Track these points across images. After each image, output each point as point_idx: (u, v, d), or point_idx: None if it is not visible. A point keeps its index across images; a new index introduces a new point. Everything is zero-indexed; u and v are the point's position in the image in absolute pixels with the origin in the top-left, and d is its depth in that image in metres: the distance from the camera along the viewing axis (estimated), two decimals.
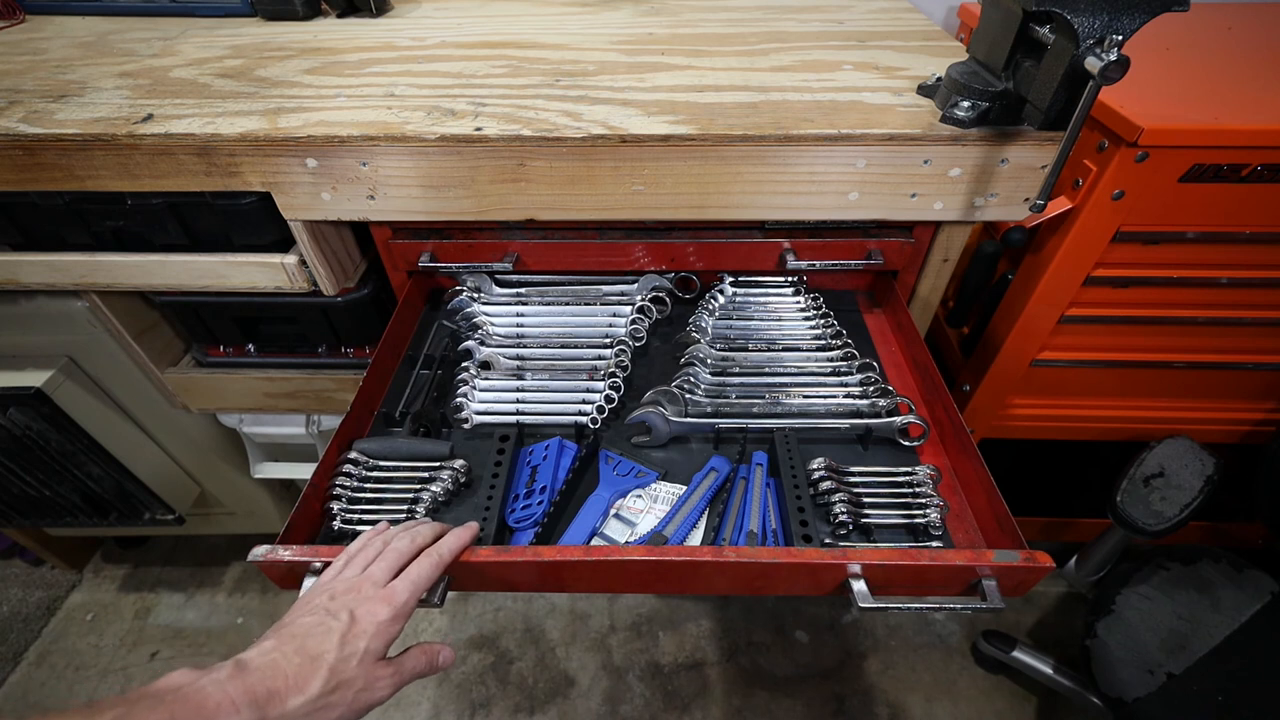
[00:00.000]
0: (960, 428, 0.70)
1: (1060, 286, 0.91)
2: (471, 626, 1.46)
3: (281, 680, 0.41)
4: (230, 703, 0.38)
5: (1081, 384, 1.07)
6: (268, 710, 0.39)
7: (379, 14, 1.12)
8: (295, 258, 0.85)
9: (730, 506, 0.68)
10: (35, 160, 0.75)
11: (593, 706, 1.32)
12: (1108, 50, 0.55)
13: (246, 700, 0.39)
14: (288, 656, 0.42)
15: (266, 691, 0.40)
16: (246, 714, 0.38)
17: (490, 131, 0.72)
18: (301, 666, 0.41)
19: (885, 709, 1.31)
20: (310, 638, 0.43)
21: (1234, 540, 1.34)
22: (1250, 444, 1.11)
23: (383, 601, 0.47)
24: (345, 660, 0.43)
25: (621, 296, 0.92)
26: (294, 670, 0.41)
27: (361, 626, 0.45)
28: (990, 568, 0.54)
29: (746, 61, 0.91)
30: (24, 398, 0.99)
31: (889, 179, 0.75)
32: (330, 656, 0.43)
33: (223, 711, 0.38)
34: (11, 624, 1.45)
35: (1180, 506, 0.93)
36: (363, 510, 0.67)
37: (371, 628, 0.45)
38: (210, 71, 0.89)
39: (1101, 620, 0.97)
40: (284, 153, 0.74)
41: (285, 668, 0.41)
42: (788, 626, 1.45)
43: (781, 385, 0.79)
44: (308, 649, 0.42)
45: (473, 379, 0.80)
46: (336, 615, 0.45)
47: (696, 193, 0.76)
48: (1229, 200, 0.80)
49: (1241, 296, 0.92)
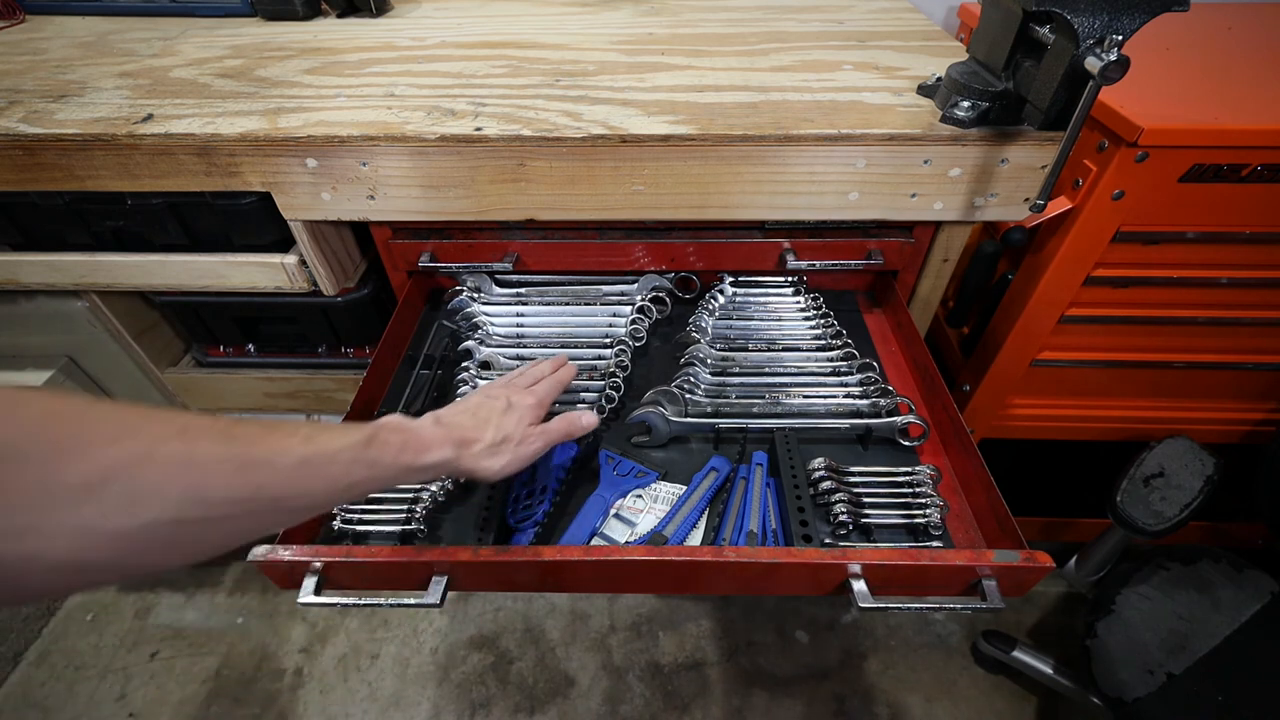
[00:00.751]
0: (960, 428, 0.70)
1: (1060, 286, 0.91)
2: (471, 626, 1.46)
3: (467, 431, 0.56)
4: (439, 440, 0.53)
5: (1081, 384, 1.07)
6: (461, 449, 0.54)
7: (379, 14, 1.12)
8: (295, 258, 0.85)
9: (730, 506, 0.68)
10: (35, 160, 0.75)
11: (593, 706, 1.32)
12: (1108, 50, 0.55)
13: (448, 440, 0.53)
14: (468, 418, 0.57)
15: (460, 437, 0.55)
16: (449, 449, 0.53)
17: (490, 131, 0.72)
18: (478, 425, 0.57)
19: (885, 709, 1.31)
20: (481, 409, 0.59)
21: (1234, 540, 1.34)
22: (1250, 444, 1.11)
23: (528, 393, 0.64)
24: (505, 423, 0.59)
25: (621, 296, 0.92)
26: (473, 426, 0.57)
27: (514, 406, 0.61)
28: (990, 568, 0.54)
29: (746, 61, 0.91)
30: None
31: (889, 179, 0.75)
32: (496, 419, 0.58)
33: (436, 444, 0.52)
34: (11, 624, 1.45)
35: (1180, 506, 0.93)
36: (362, 510, 0.67)
37: (521, 407, 0.61)
38: (210, 71, 0.89)
39: (1101, 620, 0.97)
40: (284, 153, 0.74)
41: (467, 424, 0.57)
42: (788, 626, 1.45)
43: (781, 385, 0.79)
44: (480, 415, 0.58)
45: (473, 379, 0.80)
46: (497, 398, 0.61)
47: (696, 193, 0.76)
48: (1229, 200, 0.80)
49: (1241, 296, 0.92)
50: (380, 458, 0.47)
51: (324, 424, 0.47)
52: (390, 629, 1.46)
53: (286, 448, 0.41)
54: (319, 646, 1.43)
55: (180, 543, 0.36)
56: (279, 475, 0.40)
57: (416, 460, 0.50)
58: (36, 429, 0.31)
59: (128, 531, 0.33)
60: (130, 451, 0.33)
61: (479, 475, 0.56)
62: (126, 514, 0.32)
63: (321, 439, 0.43)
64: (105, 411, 0.34)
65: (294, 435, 0.42)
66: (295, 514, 0.44)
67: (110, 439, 0.33)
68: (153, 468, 0.34)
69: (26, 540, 0.30)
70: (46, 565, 0.31)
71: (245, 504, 0.38)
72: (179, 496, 0.34)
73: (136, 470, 0.33)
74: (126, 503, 0.32)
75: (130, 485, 0.33)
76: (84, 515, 0.31)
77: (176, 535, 0.35)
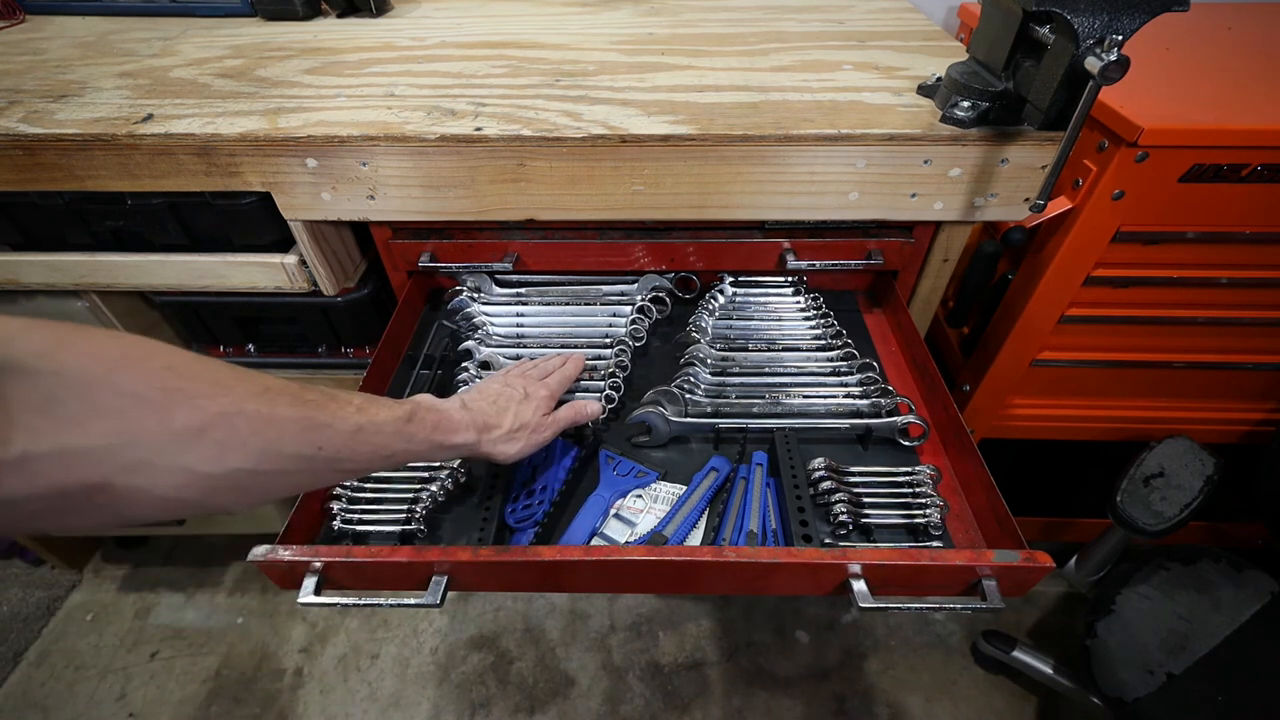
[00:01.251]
0: (960, 428, 0.70)
1: (1060, 286, 0.91)
2: (471, 626, 1.46)
3: (489, 418, 0.60)
4: (465, 424, 0.58)
5: (1081, 384, 1.07)
6: (482, 434, 0.59)
7: (379, 14, 1.12)
8: (295, 258, 0.85)
9: (730, 506, 0.68)
10: (35, 160, 0.75)
11: (593, 706, 1.32)
12: (1108, 50, 0.55)
13: (473, 425, 0.58)
14: (490, 405, 0.62)
15: (483, 423, 0.59)
16: (473, 433, 0.58)
17: (490, 131, 0.72)
18: (498, 413, 0.62)
19: (885, 709, 1.31)
20: (500, 397, 0.64)
21: (1234, 540, 1.34)
22: (1250, 444, 1.11)
23: (542, 385, 0.68)
24: (522, 412, 0.63)
25: (621, 296, 0.92)
26: (495, 413, 0.61)
27: (530, 396, 0.66)
28: (990, 568, 0.54)
29: (746, 61, 0.91)
30: None
31: (889, 179, 0.75)
32: (514, 408, 0.63)
33: (463, 427, 0.57)
34: (11, 624, 1.45)
35: (1180, 506, 0.93)
36: (362, 510, 0.67)
37: (536, 398, 0.66)
38: (210, 71, 0.89)
39: (1101, 620, 0.97)
40: (284, 153, 0.74)
41: (490, 411, 0.61)
42: (788, 626, 1.45)
43: (781, 385, 0.79)
44: (499, 403, 0.63)
45: (473, 379, 0.80)
46: (515, 387, 0.66)
47: (696, 193, 0.76)
48: (1229, 200, 0.80)
49: (1241, 296, 0.92)
50: (416, 434, 0.52)
51: (370, 395, 0.51)
52: (390, 629, 1.46)
53: (345, 415, 0.46)
54: (319, 646, 1.43)
55: (251, 489, 0.41)
56: (337, 438, 0.45)
57: (446, 440, 0.56)
58: (159, 379, 0.35)
59: (216, 475, 0.38)
60: (225, 407, 0.38)
61: (495, 458, 0.61)
62: (217, 461, 0.37)
63: (371, 410, 0.48)
64: (205, 368, 0.39)
65: (349, 404, 0.47)
66: (344, 474, 0.48)
67: (210, 394, 0.37)
68: (241, 422, 0.38)
69: (140, 474, 0.34)
70: (151, 498, 0.36)
71: (308, 460, 0.43)
72: (259, 449, 0.39)
73: (229, 424, 0.38)
74: (219, 451, 0.37)
75: (224, 436, 0.37)
76: (186, 458, 0.36)
77: (250, 483, 0.40)
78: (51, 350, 0.32)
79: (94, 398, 0.33)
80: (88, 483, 0.33)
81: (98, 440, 0.33)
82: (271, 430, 0.40)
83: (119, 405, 0.33)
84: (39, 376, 0.31)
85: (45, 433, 0.31)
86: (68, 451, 0.32)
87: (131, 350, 0.35)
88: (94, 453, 0.33)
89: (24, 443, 0.30)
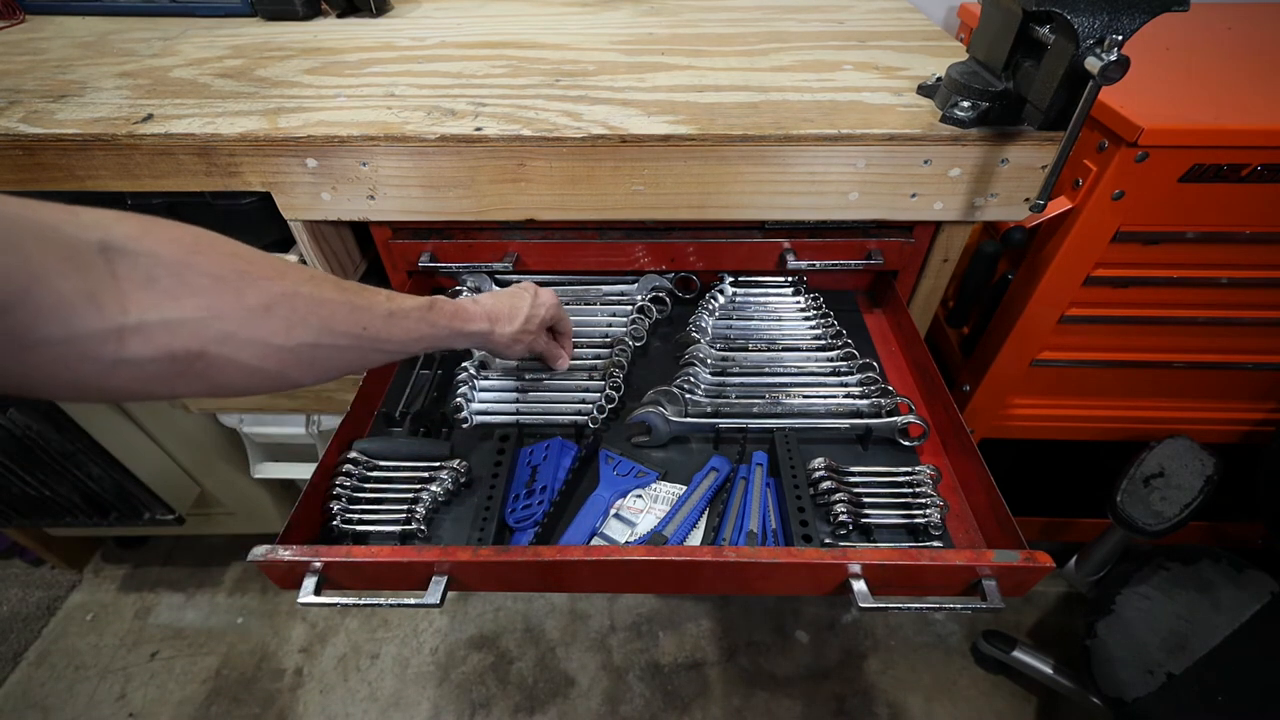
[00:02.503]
0: (960, 428, 0.70)
1: (1060, 286, 0.91)
2: (471, 626, 1.46)
3: (501, 313, 0.67)
4: (480, 315, 0.64)
5: (1081, 384, 1.07)
6: (494, 326, 0.65)
7: (379, 14, 1.12)
8: (295, 258, 0.85)
9: (730, 506, 0.68)
10: (35, 160, 0.75)
11: (593, 706, 1.32)
12: (1108, 50, 0.55)
13: (486, 316, 0.65)
14: (502, 304, 0.68)
15: (495, 315, 0.66)
16: (485, 323, 0.64)
17: (490, 131, 0.72)
18: (511, 312, 0.68)
19: (885, 709, 1.31)
20: (514, 298, 0.69)
21: (1234, 540, 1.34)
22: (1250, 444, 1.11)
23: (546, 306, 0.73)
24: (532, 317, 0.70)
25: (621, 296, 0.92)
26: (506, 310, 0.67)
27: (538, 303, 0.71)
28: (990, 568, 0.54)
29: (746, 61, 0.91)
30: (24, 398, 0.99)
31: (889, 179, 0.75)
32: (525, 310, 0.69)
33: (478, 317, 0.64)
34: (11, 624, 1.45)
35: (1180, 506, 0.93)
36: (362, 510, 0.67)
37: (543, 306, 0.72)
38: (210, 71, 0.89)
39: (1101, 620, 0.98)
40: (284, 153, 0.74)
41: (502, 308, 0.67)
42: (788, 626, 1.45)
43: (781, 385, 0.79)
44: (513, 303, 0.69)
45: (472, 379, 0.80)
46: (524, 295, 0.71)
47: (696, 193, 0.76)
48: (1229, 200, 0.80)
49: (1241, 296, 0.92)
50: (438, 320, 0.58)
51: (394, 291, 0.55)
52: (390, 629, 1.46)
53: (378, 301, 0.52)
54: (319, 646, 1.43)
55: (315, 363, 0.46)
56: (376, 320, 0.51)
57: (464, 327, 0.62)
58: (230, 264, 0.41)
59: (288, 348, 0.43)
60: (284, 287, 0.43)
61: (501, 351, 0.69)
62: (286, 334, 0.43)
63: (398, 299, 0.54)
64: (263, 255, 0.44)
65: (379, 294, 0.53)
66: (384, 355, 0.54)
67: (270, 276, 0.43)
68: (300, 301, 0.44)
69: (228, 345, 0.40)
70: (239, 367, 0.41)
71: (356, 338, 0.49)
72: (317, 326, 0.45)
73: (289, 303, 0.43)
74: (286, 326, 0.43)
75: (288, 313, 0.43)
76: (262, 331, 0.41)
77: (313, 356, 0.46)
78: (142, 235, 0.37)
79: (184, 276, 0.38)
80: (190, 349, 0.38)
81: (191, 313, 0.38)
82: (325, 309, 0.46)
83: (203, 284, 0.38)
84: (139, 257, 0.36)
85: (152, 305, 0.36)
86: (172, 321, 0.37)
87: (201, 237, 0.40)
88: (190, 323, 0.38)
89: (138, 312, 0.35)
